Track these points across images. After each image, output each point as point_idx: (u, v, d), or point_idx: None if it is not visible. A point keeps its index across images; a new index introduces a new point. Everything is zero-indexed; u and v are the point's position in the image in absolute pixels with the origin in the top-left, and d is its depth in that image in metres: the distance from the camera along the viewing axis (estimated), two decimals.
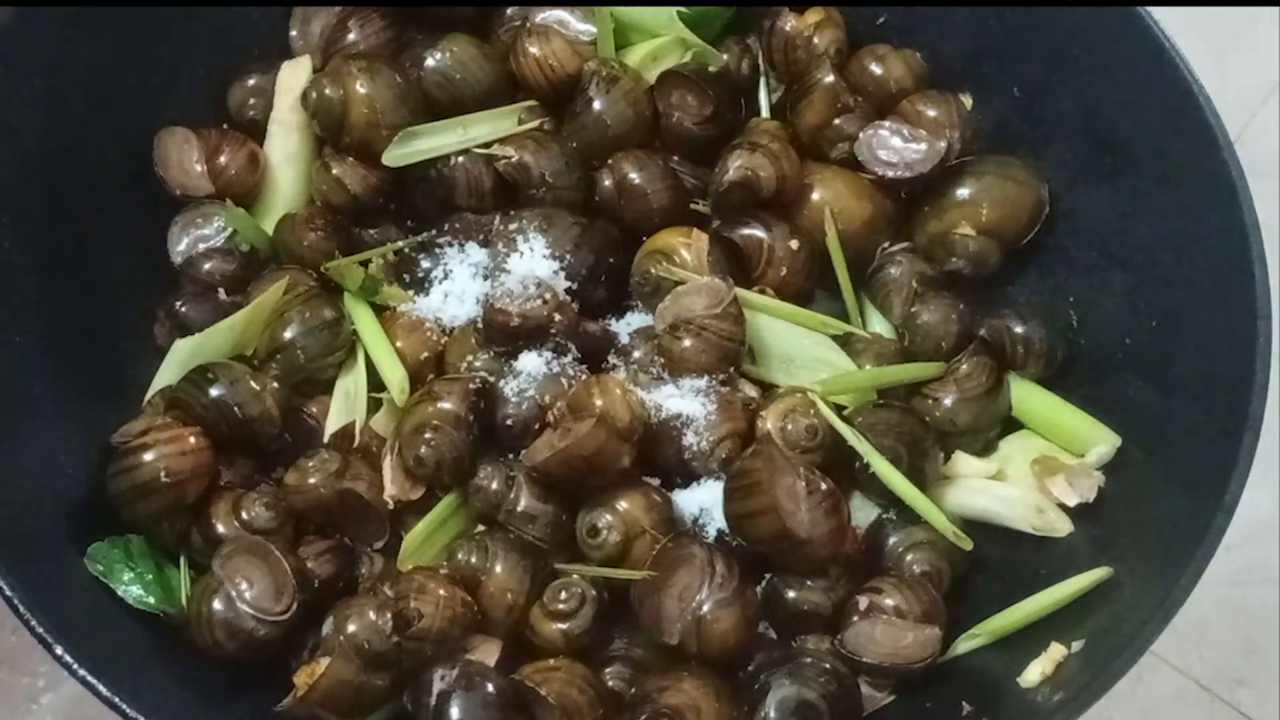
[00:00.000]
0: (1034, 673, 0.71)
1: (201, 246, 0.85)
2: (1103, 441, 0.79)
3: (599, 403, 0.73)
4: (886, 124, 0.84)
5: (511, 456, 0.77)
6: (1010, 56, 0.85)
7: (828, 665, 0.73)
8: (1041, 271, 0.86)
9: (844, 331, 0.82)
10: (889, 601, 0.74)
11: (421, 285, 0.84)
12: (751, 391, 0.80)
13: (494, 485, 0.76)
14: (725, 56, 0.88)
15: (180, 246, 0.86)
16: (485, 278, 0.82)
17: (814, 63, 0.86)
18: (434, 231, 0.85)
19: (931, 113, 0.84)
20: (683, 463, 0.77)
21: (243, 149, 0.87)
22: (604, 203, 0.84)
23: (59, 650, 0.64)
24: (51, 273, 0.78)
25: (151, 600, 0.73)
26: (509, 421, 0.76)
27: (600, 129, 0.84)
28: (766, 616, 0.76)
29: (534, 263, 0.79)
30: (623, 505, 0.74)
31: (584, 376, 0.77)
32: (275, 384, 0.77)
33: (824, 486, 0.73)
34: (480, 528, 0.78)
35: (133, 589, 0.72)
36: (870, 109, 0.86)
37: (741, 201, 0.82)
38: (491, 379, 0.77)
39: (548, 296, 0.77)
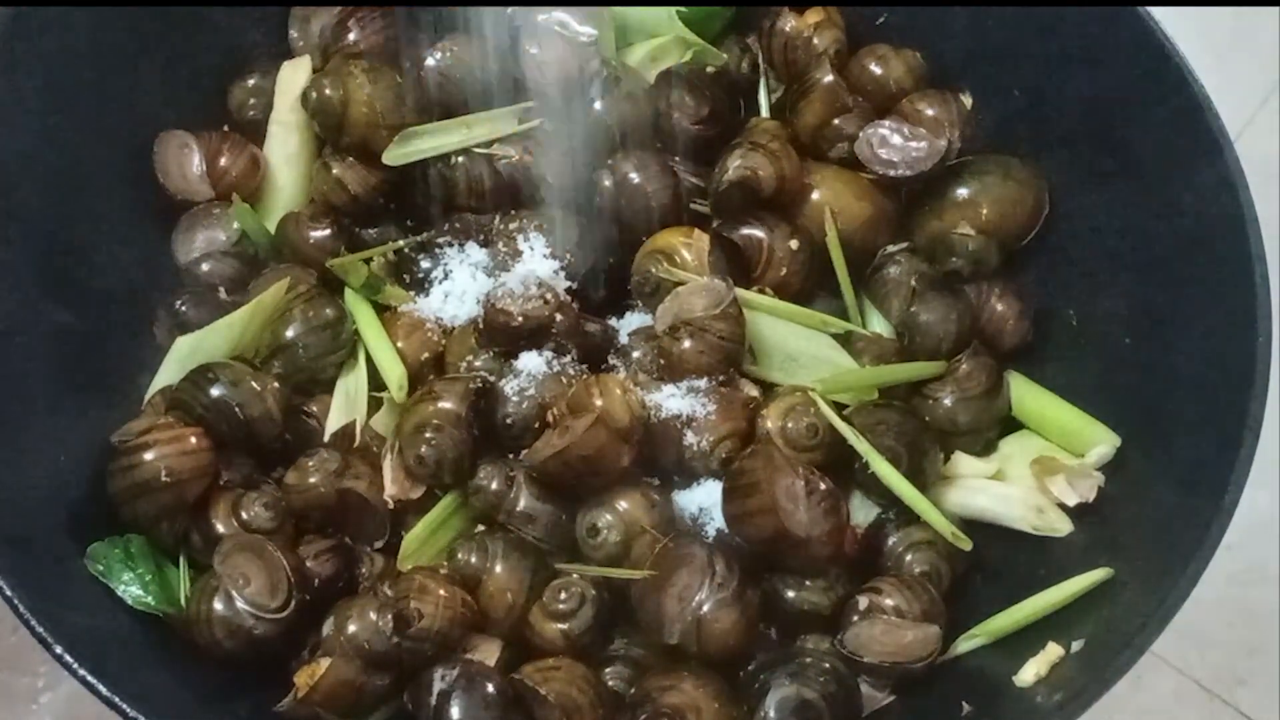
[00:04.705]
0: (1029, 673, 0.71)
1: (206, 247, 0.85)
2: (1103, 441, 0.79)
3: (599, 403, 0.73)
4: (886, 123, 0.84)
5: (511, 456, 0.77)
6: (1010, 56, 0.85)
7: (828, 665, 0.73)
8: (1041, 271, 0.86)
9: (844, 330, 0.82)
10: (889, 601, 0.74)
11: (421, 285, 0.84)
12: (752, 391, 0.80)
13: (494, 485, 0.76)
14: (725, 56, 0.88)
15: (184, 247, 0.86)
16: (486, 277, 0.82)
17: (814, 62, 0.86)
18: (434, 231, 0.85)
19: (931, 112, 0.84)
20: (683, 463, 0.77)
21: (244, 153, 0.87)
22: (604, 203, 0.84)
23: (59, 650, 0.64)
24: (51, 273, 0.78)
25: (151, 600, 0.72)
26: (509, 421, 0.76)
27: (600, 129, 0.84)
28: (766, 616, 0.76)
29: (534, 263, 0.79)
30: (623, 505, 0.74)
31: (584, 376, 0.77)
32: (276, 384, 0.77)
33: (823, 486, 0.73)
34: (480, 528, 0.78)
35: (132, 589, 0.72)
36: (870, 109, 0.86)
37: (741, 201, 0.82)
38: (491, 379, 0.77)
39: (548, 296, 0.77)
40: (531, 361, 0.77)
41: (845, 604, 0.75)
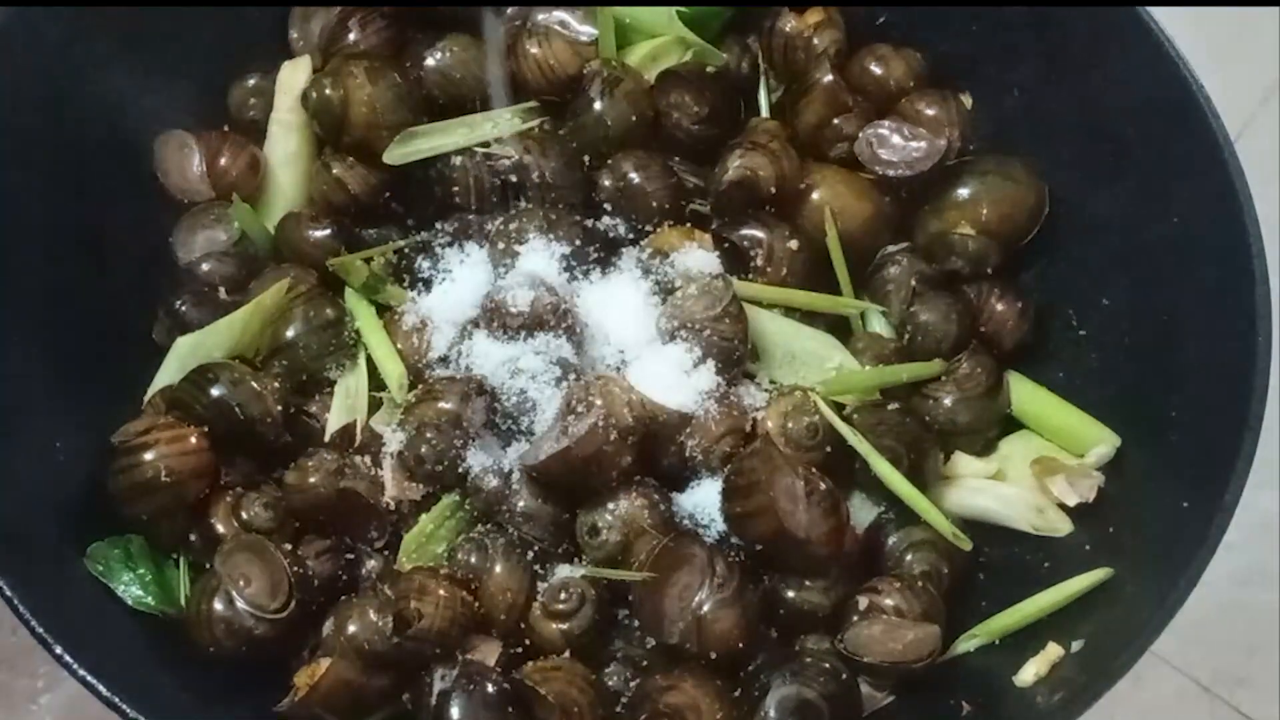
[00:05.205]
0: (1029, 673, 0.72)
1: (206, 247, 0.85)
2: (1102, 441, 0.79)
3: (599, 403, 0.73)
4: (886, 123, 0.84)
5: (512, 456, 0.77)
6: (1010, 56, 0.85)
7: (828, 665, 0.73)
8: (1041, 271, 0.86)
9: (856, 309, 0.83)
10: (889, 601, 0.74)
11: (422, 285, 0.84)
12: (753, 390, 0.80)
13: (493, 485, 0.76)
14: (725, 56, 0.88)
15: (184, 247, 0.86)
16: (485, 277, 0.82)
17: (814, 62, 0.86)
18: (434, 231, 0.85)
19: (931, 111, 0.84)
20: (683, 462, 0.77)
21: (243, 153, 0.86)
22: (604, 203, 0.84)
23: (59, 650, 0.64)
24: (51, 272, 0.78)
25: (151, 601, 0.73)
26: (509, 421, 0.76)
27: (601, 129, 0.84)
28: (766, 616, 0.76)
29: (534, 262, 0.79)
30: (623, 505, 0.74)
31: (584, 376, 0.77)
32: (276, 384, 0.77)
33: (823, 486, 0.73)
34: (480, 528, 0.78)
35: (132, 589, 0.72)
36: (870, 108, 0.86)
37: (741, 201, 0.82)
38: (491, 379, 0.77)
39: (548, 296, 0.77)
40: (531, 361, 0.77)
41: (845, 604, 0.75)
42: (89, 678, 0.64)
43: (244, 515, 0.75)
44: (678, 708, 0.70)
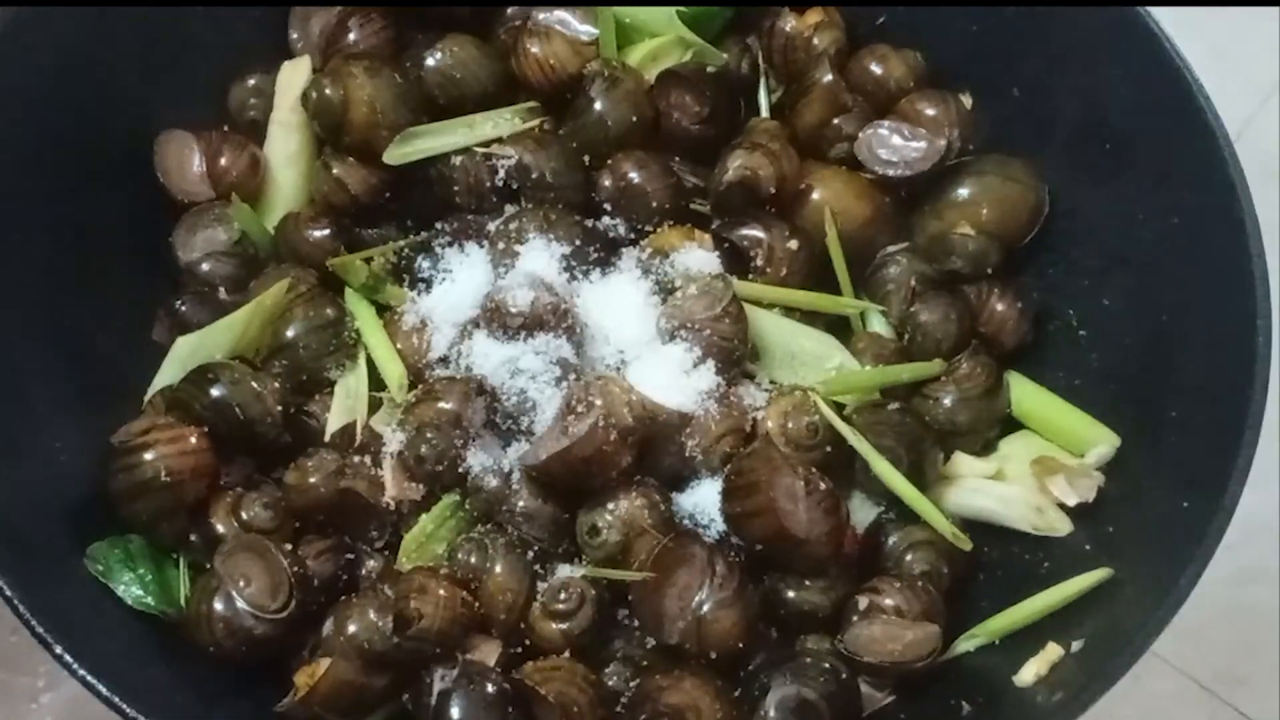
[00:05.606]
0: (1029, 673, 0.72)
1: (206, 247, 0.85)
2: (1102, 441, 0.79)
3: (599, 403, 0.73)
4: (886, 123, 0.84)
5: (512, 456, 0.77)
6: (1010, 56, 0.85)
7: (828, 665, 0.73)
8: (1041, 271, 0.86)
9: (857, 309, 0.83)
10: (888, 601, 0.74)
11: (422, 285, 0.84)
12: (753, 390, 0.80)
13: (493, 485, 0.76)
14: (725, 56, 0.88)
15: (185, 247, 0.86)
16: (485, 277, 0.82)
17: (813, 62, 0.86)
18: (434, 231, 0.85)
19: (930, 112, 0.85)
20: (683, 462, 0.77)
21: (244, 153, 0.86)
22: (604, 203, 0.84)
23: (59, 650, 0.64)
24: (52, 273, 0.78)
25: (151, 601, 0.73)
26: (509, 421, 0.76)
27: (601, 129, 0.84)
28: (766, 616, 0.76)
29: (534, 262, 0.79)
30: (623, 505, 0.74)
31: (584, 376, 0.77)
32: (276, 384, 0.77)
33: (823, 486, 0.73)
34: (480, 528, 0.78)
35: (133, 589, 0.72)
36: (869, 108, 0.86)
37: (741, 201, 0.82)
38: (491, 379, 0.77)
39: (548, 296, 0.77)
40: (531, 361, 0.77)
41: (845, 604, 0.75)
42: (89, 677, 0.64)
43: (244, 515, 0.75)
44: (678, 707, 0.70)
